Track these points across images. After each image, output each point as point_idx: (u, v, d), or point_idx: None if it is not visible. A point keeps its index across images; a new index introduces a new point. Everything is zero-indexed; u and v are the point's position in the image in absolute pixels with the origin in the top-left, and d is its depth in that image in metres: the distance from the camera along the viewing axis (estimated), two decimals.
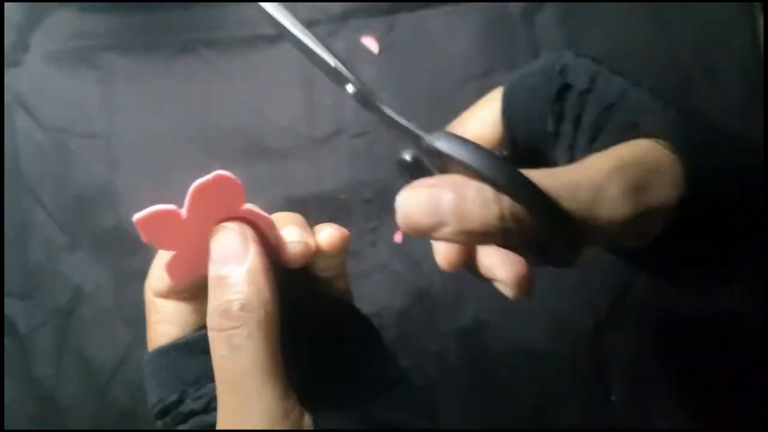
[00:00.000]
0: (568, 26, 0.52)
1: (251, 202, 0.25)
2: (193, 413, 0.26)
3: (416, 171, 0.27)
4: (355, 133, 0.52)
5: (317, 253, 0.26)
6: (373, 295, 0.50)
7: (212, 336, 0.23)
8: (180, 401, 0.26)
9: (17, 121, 0.53)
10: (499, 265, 0.28)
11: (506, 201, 0.21)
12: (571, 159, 0.26)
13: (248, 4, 0.56)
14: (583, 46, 0.52)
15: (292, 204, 0.51)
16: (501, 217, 0.21)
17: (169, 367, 0.27)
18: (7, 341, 0.51)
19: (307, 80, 0.52)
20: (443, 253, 0.29)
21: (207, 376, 0.26)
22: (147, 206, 0.24)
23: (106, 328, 0.51)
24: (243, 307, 0.23)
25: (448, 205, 0.22)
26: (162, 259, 0.27)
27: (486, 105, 0.29)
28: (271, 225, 0.25)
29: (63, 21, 0.54)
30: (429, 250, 0.28)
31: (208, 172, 0.24)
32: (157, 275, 0.27)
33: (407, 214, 0.23)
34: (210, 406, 0.26)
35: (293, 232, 0.25)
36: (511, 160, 0.28)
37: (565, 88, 0.26)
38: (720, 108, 0.50)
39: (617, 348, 0.49)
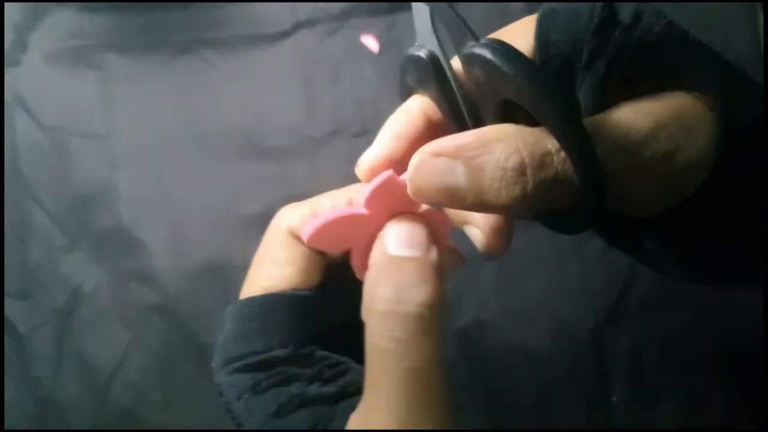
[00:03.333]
0: None
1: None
2: (300, 377, 0.23)
3: (427, 76, 0.24)
4: (355, 132, 0.52)
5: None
6: None
7: (388, 311, 0.20)
8: (291, 358, 0.24)
9: (16, 121, 0.53)
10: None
11: (533, 175, 0.19)
12: (598, 98, 0.24)
13: (248, 3, 0.56)
14: None
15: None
16: (524, 197, 0.19)
17: (284, 317, 0.24)
18: (7, 341, 0.51)
19: (307, 80, 0.52)
20: (360, 162, 0.26)
21: (318, 340, 0.24)
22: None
23: (105, 328, 0.51)
24: (435, 288, 0.21)
25: (463, 182, 0.20)
26: (314, 202, 0.25)
27: (521, 27, 0.26)
28: (447, 226, 0.24)
29: (62, 21, 0.54)
30: None
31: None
32: (302, 214, 0.25)
33: (418, 188, 0.21)
34: (320, 376, 0.23)
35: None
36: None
37: (608, 20, 0.23)
38: None
39: (618, 348, 0.48)
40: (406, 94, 0.27)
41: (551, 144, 0.19)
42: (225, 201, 0.50)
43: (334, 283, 0.26)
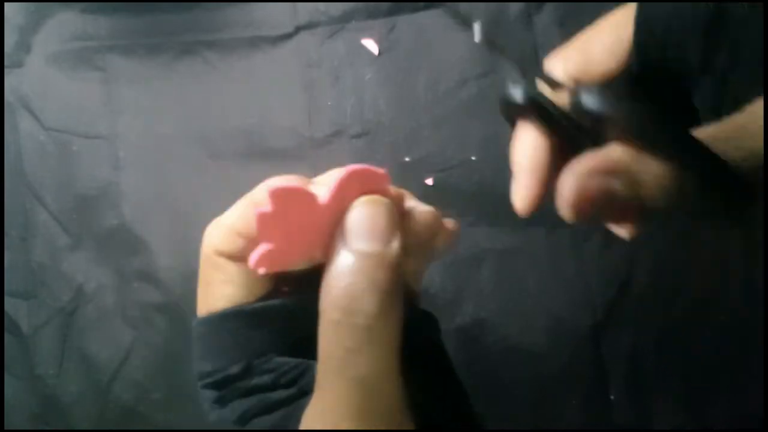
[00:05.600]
0: (568, 27, 0.52)
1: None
2: (258, 388, 0.23)
3: (526, 112, 0.25)
4: (356, 133, 0.52)
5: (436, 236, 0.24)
6: None
7: (338, 321, 0.20)
8: (244, 373, 0.23)
9: (20, 122, 0.53)
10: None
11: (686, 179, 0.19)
12: (723, 97, 0.23)
13: (249, 6, 0.56)
14: None
15: None
16: (681, 196, 0.20)
17: (233, 335, 0.23)
18: (10, 340, 0.52)
19: (308, 81, 0.53)
20: (524, 193, 0.26)
21: (274, 349, 0.23)
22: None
23: (108, 327, 0.51)
24: (386, 295, 0.20)
25: (623, 192, 0.20)
26: (234, 219, 0.24)
27: (612, 29, 0.25)
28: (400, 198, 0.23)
29: (65, 22, 0.54)
30: None
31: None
32: (224, 234, 0.24)
33: (578, 206, 0.21)
34: (278, 382, 0.23)
35: (415, 203, 0.23)
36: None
37: (720, 14, 0.22)
38: None
39: (616, 347, 0.49)
40: (510, 119, 0.27)
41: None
42: (227, 201, 0.50)
43: (281, 290, 0.25)
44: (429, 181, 0.51)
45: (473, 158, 0.51)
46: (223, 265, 0.24)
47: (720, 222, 0.24)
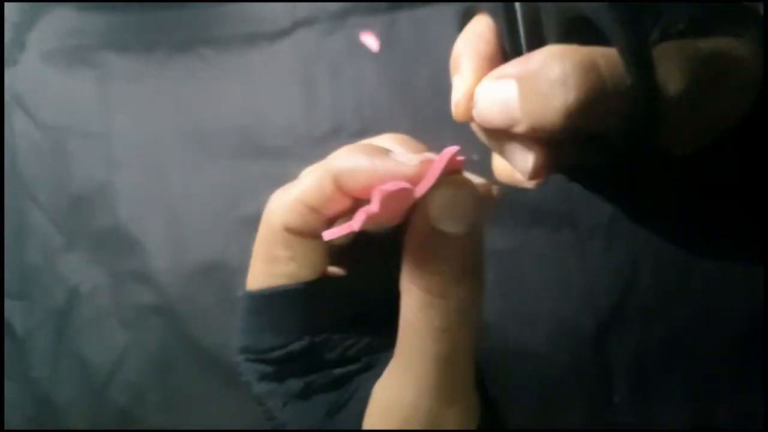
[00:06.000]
0: None
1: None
2: (321, 366, 0.23)
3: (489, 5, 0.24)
4: (355, 131, 0.52)
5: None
6: None
7: (428, 302, 0.20)
8: (307, 351, 0.23)
9: (14, 121, 0.53)
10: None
11: (577, 82, 0.19)
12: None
13: (247, 2, 0.56)
14: None
15: None
16: (568, 107, 0.19)
17: (294, 312, 0.23)
18: (5, 342, 0.51)
19: (307, 78, 0.52)
20: (457, 102, 0.25)
21: (334, 326, 0.23)
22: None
23: (103, 328, 0.51)
24: (476, 278, 0.21)
25: (516, 100, 0.20)
26: (305, 192, 0.24)
27: None
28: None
29: (60, 20, 0.54)
30: None
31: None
32: (297, 208, 0.24)
33: (479, 112, 0.21)
34: (344, 357, 0.23)
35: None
36: None
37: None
38: None
39: (619, 349, 0.48)
40: (462, 21, 0.26)
41: (600, 56, 0.19)
42: (223, 201, 0.50)
43: (340, 266, 0.25)
44: None
45: (475, 157, 0.50)
46: (292, 243, 0.23)
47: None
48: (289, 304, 0.23)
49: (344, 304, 0.24)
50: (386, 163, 0.21)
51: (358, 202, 0.23)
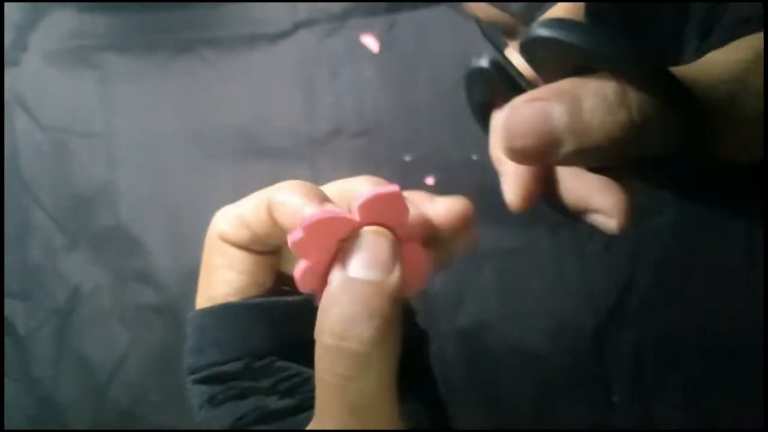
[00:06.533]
0: None
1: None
2: (255, 391, 0.22)
3: (493, 83, 0.23)
4: (355, 132, 0.52)
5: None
6: None
7: (332, 347, 0.20)
8: (243, 372, 0.22)
9: (16, 121, 0.53)
10: (595, 192, 0.24)
11: (634, 98, 0.18)
12: (676, 56, 0.22)
13: (248, 3, 0.56)
14: None
15: None
16: (630, 123, 0.18)
17: (234, 328, 0.23)
18: (7, 342, 0.51)
19: (307, 80, 0.52)
20: (515, 187, 0.24)
21: (274, 350, 0.23)
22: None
23: (104, 328, 0.51)
24: (383, 322, 0.19)
25: (562, 120, 0.19)
26: (241, 207, 0.24)
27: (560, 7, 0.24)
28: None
29: (62, 21, 0.54)
30: None
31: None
32: (230, 220, 0.24)
33: (512, 137, 0.19)
34: (277, 388, 0.22)
35: (443, 201, 0.22)
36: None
37: None
38: None
39: (618, 348, 0.48)
40: (477, 111, 0.26)
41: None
42: (224, 200, 0.50)
43: (284, 288, 0.25)
44: (429, 181, 0.50)
45: (474, 157, 0.50)
46: (227, 250, 0.24)
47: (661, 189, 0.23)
48: (228, 319, 0.23)
49: (286, 328, 0.23)
50: (311, 205, 0.21)
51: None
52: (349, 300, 0.20)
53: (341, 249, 0.21)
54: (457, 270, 0.49)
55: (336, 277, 0.20)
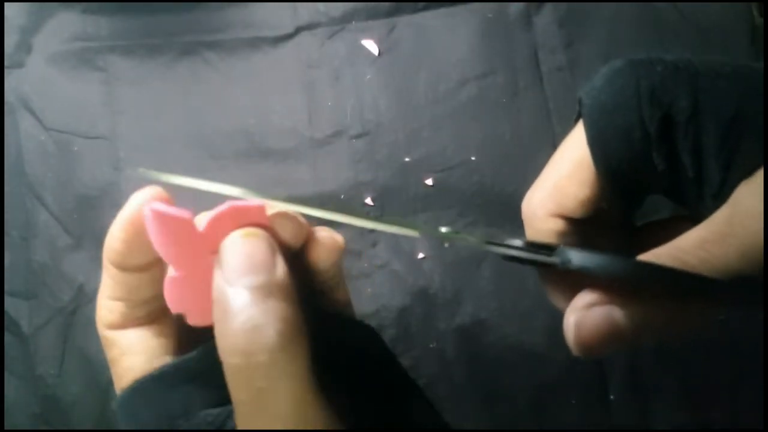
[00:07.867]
0: (567, 28, 0.52)
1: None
2: None
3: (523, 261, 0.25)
4: (356, 134, 0.52)
5: (314, 251, 0.23)
6: (373, 295, 0.50)
7: (240, 365, 0.19)
8: None
9: (21, 123, 0.54)
10: None
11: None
12: (701, 189, 0.22)
13: (250, 6, 0.56)
14: (581, 49, 0.52)
15: None
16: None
17: (149, 404, 0.23)
18: (11, 340, 0.52)
19: (309, 82, 0.53)
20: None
21: (195, 404, 0.22)
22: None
23: None
24: (283, 324, 0.19)
25: (625, 322, 0.21)
26: (107, 288, 0.24)
27: (572, 155, 0.24)
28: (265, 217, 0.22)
29: (66, 23, 0.54)
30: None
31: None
32: (105, 306, 0.24)
33: (586, 349, 0.22)
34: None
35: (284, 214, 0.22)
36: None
37: (666, 118, 0.21)
38: None
39: None
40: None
41: None
42: (225, 200, 0.50)
43: (185, 345, 0.24)
44: (429, 181, 0.51)
45: (473, 158, 0.51)
46: (116, 339, 0.24)
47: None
48: (138, 401, 0.23)
49: (201, 379, 0.22)
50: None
51: (160, 265, 0.23)
52: (240, 312, 0.19)
53: (216, 261, 0.20)
54: (455, 269, 0.50)
55: (218, 291, 0.19)
